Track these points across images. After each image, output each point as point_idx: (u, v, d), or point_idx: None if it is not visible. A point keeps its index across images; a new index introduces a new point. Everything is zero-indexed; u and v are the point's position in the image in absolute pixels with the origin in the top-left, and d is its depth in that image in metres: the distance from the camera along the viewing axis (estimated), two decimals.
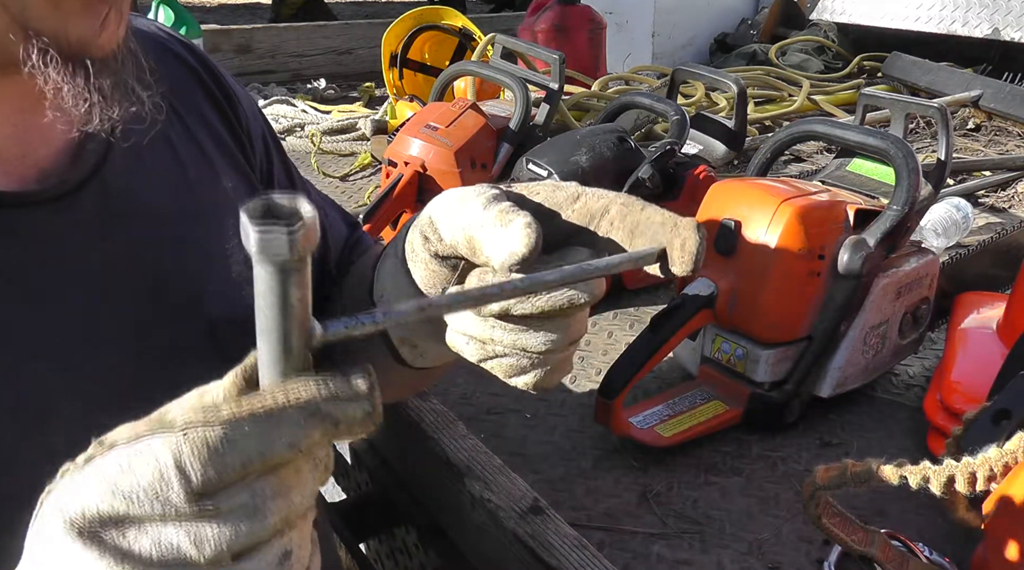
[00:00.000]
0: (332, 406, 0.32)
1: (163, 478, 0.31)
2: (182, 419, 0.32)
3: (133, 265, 0.54)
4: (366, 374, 0.33)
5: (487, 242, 0.45)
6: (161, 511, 0.31)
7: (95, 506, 0.32)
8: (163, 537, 0.32)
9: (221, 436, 0.31)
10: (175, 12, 2.23)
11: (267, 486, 0.32)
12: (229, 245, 0.61)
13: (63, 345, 0.50)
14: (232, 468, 0.31)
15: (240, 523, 0.32)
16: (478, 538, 0.72)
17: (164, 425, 0.32)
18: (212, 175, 0.62)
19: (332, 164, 1.90)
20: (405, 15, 2.10)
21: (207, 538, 0.31)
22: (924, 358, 1.07)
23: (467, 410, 0.96)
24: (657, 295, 1.25)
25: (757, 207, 0.88)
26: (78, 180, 0.51)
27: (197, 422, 0.31)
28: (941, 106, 1.01)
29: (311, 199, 0.74)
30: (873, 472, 0.62)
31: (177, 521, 0.32)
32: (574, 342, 0.49)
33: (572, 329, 0.48)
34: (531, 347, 0.48)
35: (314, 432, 0.32)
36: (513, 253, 0.43)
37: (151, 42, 0.64)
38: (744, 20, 3.05)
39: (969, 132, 2.13)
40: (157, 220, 0.56)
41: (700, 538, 0.77)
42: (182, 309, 0.56)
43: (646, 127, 1.86)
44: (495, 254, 0.45)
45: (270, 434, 0.31)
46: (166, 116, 0.60)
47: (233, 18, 5.88)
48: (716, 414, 0.91)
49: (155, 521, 0.32)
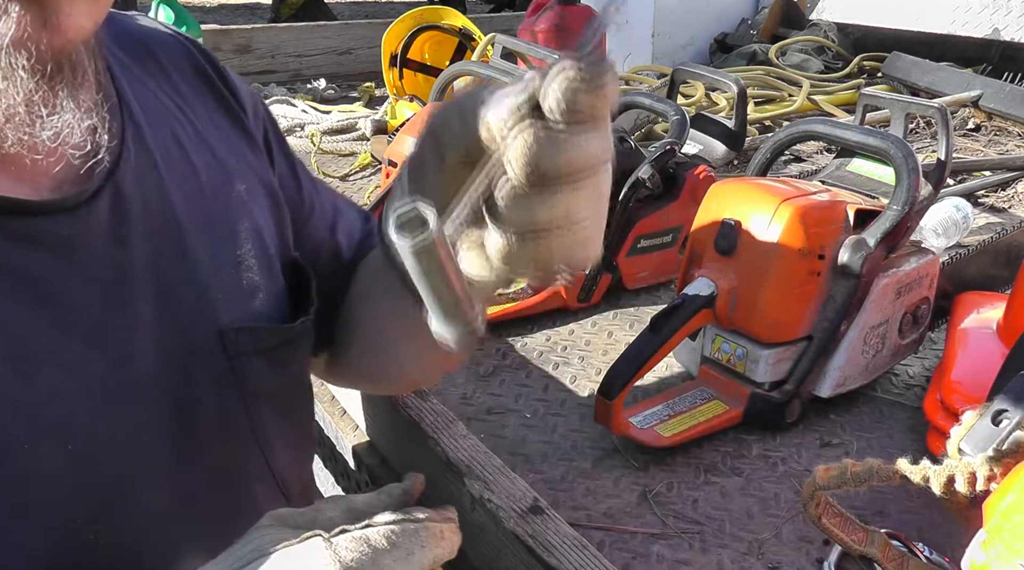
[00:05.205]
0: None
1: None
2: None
3: (146, 272, 0.54)
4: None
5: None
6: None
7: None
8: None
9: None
10: (175, 12, 2.23)
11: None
12: (241, 252, 0.61)
13: (78, 352, 0.50)
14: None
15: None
16: (478, 538, 0.72)
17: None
18: (224, 179, 0.61)
19: (332, 164, 1.90)
20: (405, 15, 2.10)
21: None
22: (924, 358, 1.07)
23: (467, 410, 0.96)
24: (657, 295, 1.25)
25: (757, 207, 0.88)
26: (92, 188, 0.51)
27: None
28: (941, 106, 1.01)
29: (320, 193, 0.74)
30: (873, 472, 0.62)
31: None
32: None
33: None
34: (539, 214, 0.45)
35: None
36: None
37: (158, 43, 0.63)
38: (744, 20, 3.06)
39: (969, 132, 2.13)
40: (170, 227, 0.56)
41: (700, 538, 0.77)
42: (193, 316, 0.56)
43: (646, 127, 1.86)
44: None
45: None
46: (178, 120, 0.60)
47: (233, 18, 5.88)
48: (716, 414, 0.91)
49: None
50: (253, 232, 0.62)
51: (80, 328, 0.50)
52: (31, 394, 0.47)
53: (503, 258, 0.46)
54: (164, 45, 0.64)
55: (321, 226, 0.73)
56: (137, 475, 0.52)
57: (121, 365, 0.52)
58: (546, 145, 0.42)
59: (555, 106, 0.42)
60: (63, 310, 0.49)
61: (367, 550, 0.44)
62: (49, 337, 0.48)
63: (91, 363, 0.50)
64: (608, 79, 0.42)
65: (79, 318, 0.50)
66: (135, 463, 0.52)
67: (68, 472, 0.49)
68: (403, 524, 0.46)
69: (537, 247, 0.45)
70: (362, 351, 0.72)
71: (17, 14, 0.42)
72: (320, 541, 0.45)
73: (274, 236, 0.65)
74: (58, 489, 0.49)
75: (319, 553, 0.44)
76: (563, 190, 0.44)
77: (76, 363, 0.49)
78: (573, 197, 0.45)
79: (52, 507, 0.48)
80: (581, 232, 0.46)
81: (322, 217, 0.73)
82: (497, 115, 0.43)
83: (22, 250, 0.48)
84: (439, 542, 0.47)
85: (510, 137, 0.43)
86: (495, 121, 0.43)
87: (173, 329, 0.55)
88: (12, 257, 0.47)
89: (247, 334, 0.59)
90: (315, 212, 0.72)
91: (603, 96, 0.42)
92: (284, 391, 0.64)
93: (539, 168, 0.43)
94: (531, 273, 0.47)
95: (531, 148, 0.42)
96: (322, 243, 0.73)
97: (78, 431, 0.49)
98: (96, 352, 0.50)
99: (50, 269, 0.49)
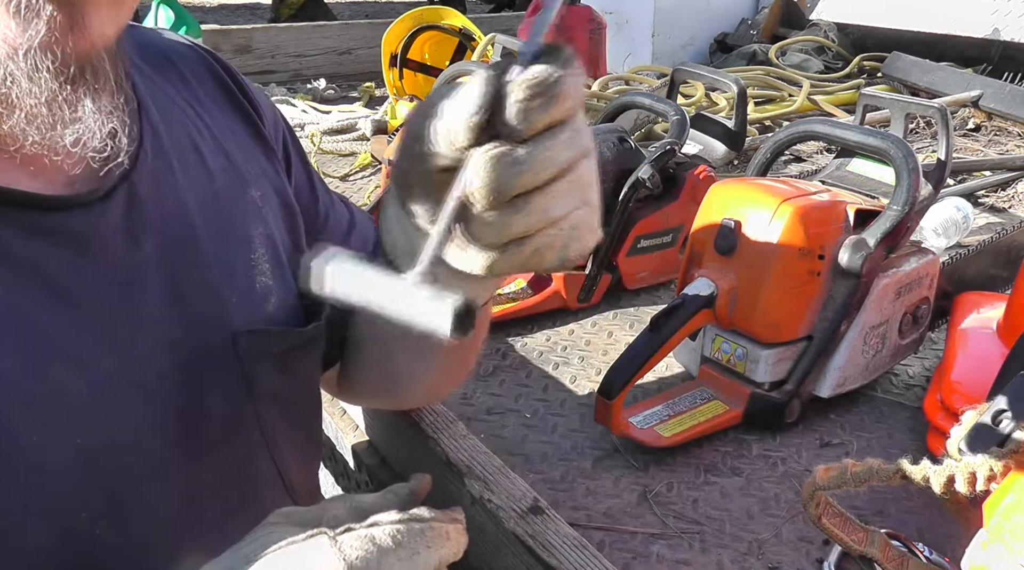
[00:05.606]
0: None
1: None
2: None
3: (159, 272, 0.54)
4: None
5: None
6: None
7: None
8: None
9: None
10: (175, 12, 2.23)
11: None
12: (254, 256, 0.61)
13: (87, 349, 0.50)
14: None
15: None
16: (478, 538, 0.72)
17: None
18: (240, 185, 0.62)
19: (332, 164, 1.90)
20: (405, 15, 2.10)
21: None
22: (924, 358, 1.07)
23: (467, 410, 0.96)
24: (657, 295, 1.25)
25: (757, 207, 0.88)
26: (107, 187, 0.51)
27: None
28: (941, 106, 1.01)
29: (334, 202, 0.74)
30: (873, 472, 0.62)
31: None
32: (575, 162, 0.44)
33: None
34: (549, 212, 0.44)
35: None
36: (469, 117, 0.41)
37: (178, 52, 0.64)
38: (744, 20, 3.06)
39: (969, 132, 2.13)
40: (184, 229, 0.56)
41: (700, 538, 0.77)
42: (205, 318, 0.56)
43: (646, 127, 1.86)
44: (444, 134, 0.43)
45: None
46: (195, 126, 0.60)
47: (233, 18, 5.88)
48: (716, 414, 0.91)
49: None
50: (266, 237, 0.62)
51: (90, 324, 0.50)
52: (40, 387, 0.47)
53: (490, 270, 0.45)
54: (183, 54, 0.65)
55: (335, 238, 0.73)
56: (144, 473, 0.53)
57: (130, 363, 0.52)
58: (506, 169, 0.41)
59: (510, 128, 0.40)
60: (74, 305, 0.49)
61: (372, 549, 0.44)
62: (59, 331, 0.49)
63: (100, 359, 0.50)
64: (564, 82, 0.40)
65: (90, 314, 0.50)
66: (142, 461, 0.52)
67: (75, 467, 0.49)
68: (409, 524, 0.46)
69: (522, 253, 0.44)
70: (370, 365, 0.72)
71: (48, 15, 0.43)
72: (326, 539, 0.45)
73: (287, 243, 0.65)
74: (65, 484, 0.49)
75: (324, 551, 0.44)
76: (535, 199, 0.43)
77: (85, 359, 0.50)
78: (550, 202, 0.43)
79: (59, 502, 0.48)
80: (569, 226, 0.45)
81: (336, 229, 0.73)
82: (451, 135, 0.42)
83: (36, 244, 0.48)
84: (445, 542, 0.47)
85: (467, 162, 0.42)
86: (449, 143, 0.42)
87: (184, 330, 0.55)
88: (26, 250, 0.48)
89: (259, 337, 0.59)
90: (329, 223, 0.73)
91: (563, 99, 0.41)
92: (294, 395, 0.65)
93: (501, 194, 0.42)
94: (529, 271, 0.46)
95: (489, 175, 0.41)
96: None
97: (86, 427, 0.49)
98: (105, 349, 0.51)
99: (63, 264, 0.49)
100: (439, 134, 0.43)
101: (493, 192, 0.41)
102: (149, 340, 0.53)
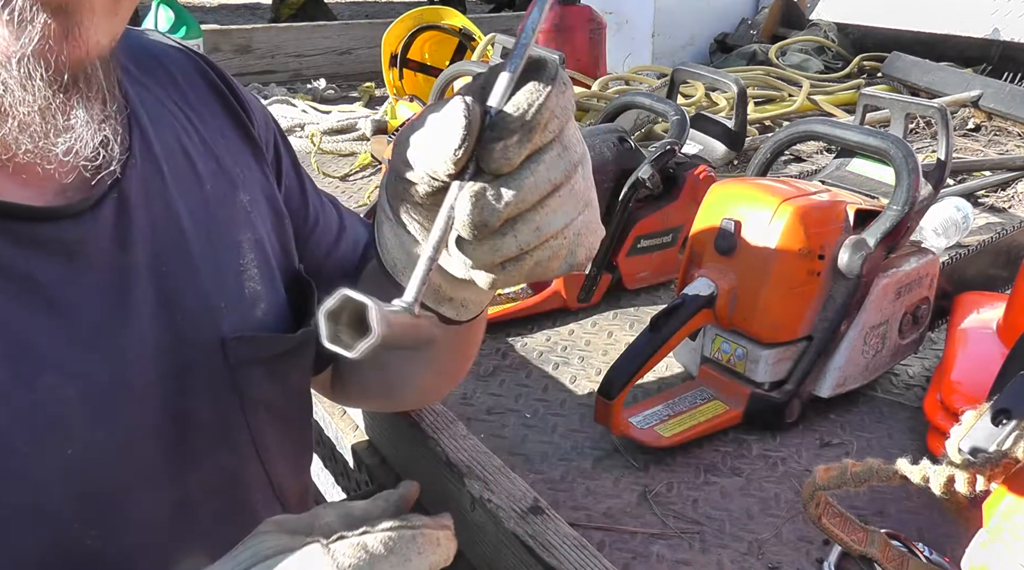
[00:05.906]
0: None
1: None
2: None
3: (149, 279, 0.54)
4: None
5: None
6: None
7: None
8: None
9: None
10: (175, 12, 2.23)
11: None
12: (243, 261, 0.61)
13: (78, 357, 0.50)
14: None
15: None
16: (478, 538, 0.72)
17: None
18: (229, 189, 0.62)
19: (332, 164, 1.90)
20: (405, 15, 2.10)
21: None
22: (924, 358, 1.07)
23: (467, 410, 0.96)
24: (657, 295, 1.25)
25: (757, 207, 0.88)
26: (98, 195, 0.51)
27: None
28: (941, 106, 1.01)
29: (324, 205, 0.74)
30: (873, 472, 0.62)
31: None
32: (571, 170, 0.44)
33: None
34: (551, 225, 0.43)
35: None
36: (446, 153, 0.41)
37: (168, 55, 0.64)
38: (744, 20, 3.06)
39: (969, 132, 2.13)
40: (173, 235, 0.56)
41: (700, 538, 0.77)
42: (195, 324, 0.56)
43: (646, 127, 1.86)
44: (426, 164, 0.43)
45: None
46: (184, 130, 0.60)
47: (233, 18, 5.88)
48: (716, 414, 0.91)
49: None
50: (256, 242, 0.62)
51: (80, 333, 0.50)
52: (31, 397, 0.47)
53: (492, 286, 0.46)
54: (173, 57, 0.64)
55: (324, 241, 0.73)
56: (135, 481, 0.53)
57: (120, 371, 0.52)
58: (488, 204, 0.41)
59: (493, 167, 0.40)
60: (64, 314, 0.49)
61: (365, 556, 0.45)
62: (50, 341, 0.48)
63: (90, 368, 0.50)
64: (546, 108, 0.39)
65: (80, 323, 0.50)
66: (133, 469, 0.52)
67: (67, 476, 0.49)
68: (400, 530, 0.47)
69: (523, 268, 0.44)
70: (362, 368, 0.72)
71: (42, 23, 0.42)
72: (319, 547, 0.45)
73: (276, 247, 0.65)
74: (56, 494, 0.49)
75: (318, 559, 0.45)
76: (527, 219, 0.42)
77: (75, 367, 0.49)
78: (544, 219, 0.43)
79: (50, 511, 0.48)
80: (572, 234, 0.45)
81: (326, 232, 0.73)
82: (432, 170, 0.42)
83: (26, 254, 0.48)
84: (435, 549, 0.48)
85: (449, 195, 0.41)
86: (431, 178, 0.42)
87: (174, 336, 0.55)
88: (16, 261, 0.48)
89: (248, 343, 0.59)
90: (319, 227, 0.73)
91: (544, 127, 0.40)
92: (284, 401, 0.65)
93: (487, 227, 0.42)
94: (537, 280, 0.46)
95: (472, 210, 0.41)
96: (325, 258, 0.73)
97: (77, 435, 0.49)
98: (96, 357, 0.50)
99: (53, 274, 0.49)
100: (421, 166, 0.43)
101: (477, 226, 0.41)
102: (140, 347, 0.53)
